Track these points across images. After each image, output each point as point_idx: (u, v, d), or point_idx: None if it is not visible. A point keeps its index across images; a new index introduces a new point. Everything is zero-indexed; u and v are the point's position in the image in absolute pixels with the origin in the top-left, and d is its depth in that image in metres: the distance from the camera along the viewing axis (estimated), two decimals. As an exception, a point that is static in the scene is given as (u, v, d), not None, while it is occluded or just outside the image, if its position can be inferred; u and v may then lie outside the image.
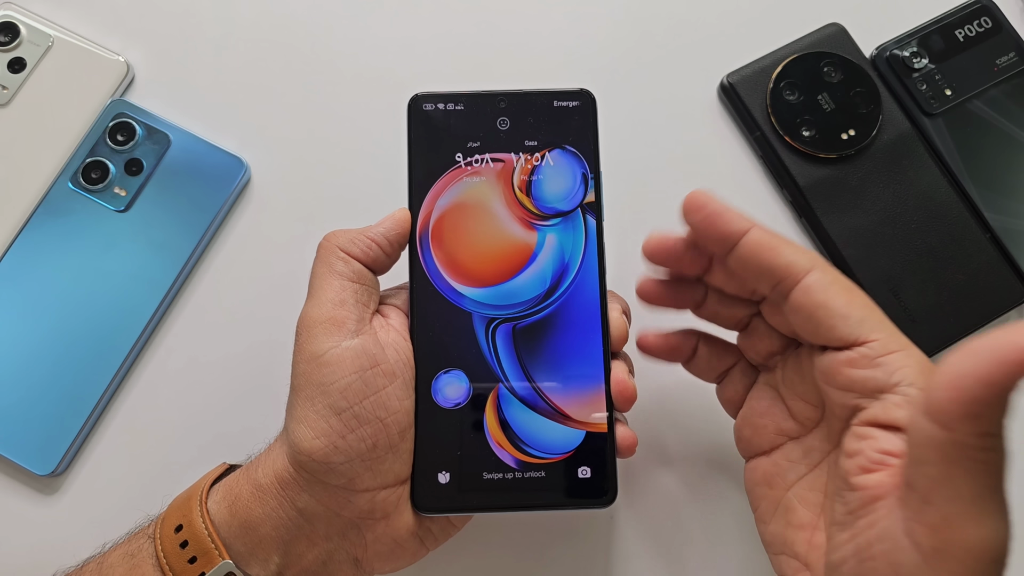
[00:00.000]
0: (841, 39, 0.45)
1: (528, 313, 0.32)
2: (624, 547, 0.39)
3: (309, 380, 0.29)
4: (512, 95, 0.33)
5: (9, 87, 0.43)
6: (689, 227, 0.30)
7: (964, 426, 0.22)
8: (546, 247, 0.32)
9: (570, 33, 0.46)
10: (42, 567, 0.34)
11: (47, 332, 0.40)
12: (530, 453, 0.31)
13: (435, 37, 0.46)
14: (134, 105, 0.43)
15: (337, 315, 0.30)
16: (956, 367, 0.22)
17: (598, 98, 0.34)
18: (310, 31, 0.46)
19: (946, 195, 0.43)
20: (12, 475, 0.39)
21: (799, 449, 0.31)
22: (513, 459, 0.31)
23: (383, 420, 0.29)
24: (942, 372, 0.23)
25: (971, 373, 0.22)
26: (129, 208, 0.42)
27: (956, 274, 0.42)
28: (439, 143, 0.33)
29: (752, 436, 0.33)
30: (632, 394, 0.31)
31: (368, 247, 0.31)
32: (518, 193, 0.33)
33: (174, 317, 0.42)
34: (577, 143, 0.33)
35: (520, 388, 0.31)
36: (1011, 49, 0.46)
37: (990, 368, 0.21)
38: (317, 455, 0.29)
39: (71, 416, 0.39)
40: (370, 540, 0.30)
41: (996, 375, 0.21)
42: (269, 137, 0.44)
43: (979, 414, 0.22)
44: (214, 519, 0.30)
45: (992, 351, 0.21)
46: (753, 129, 0.44)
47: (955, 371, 0.22)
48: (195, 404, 0.40)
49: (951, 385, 0.22)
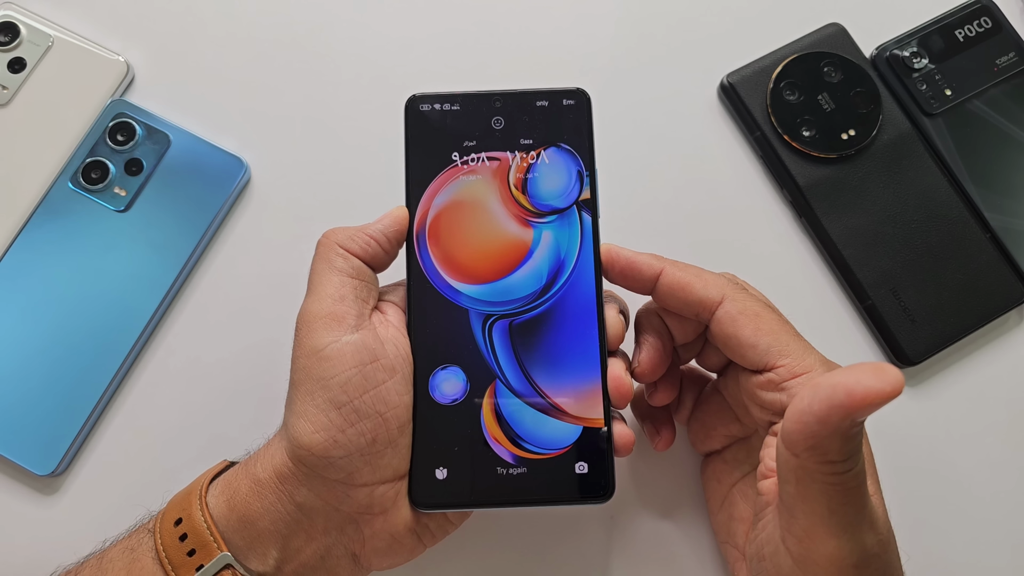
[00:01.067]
0: (841, 39, 0.45)
1: (524, 310, 0.32)
2: (624, 545, 0.39)
3: (309, 375, 0.29)
4: (508, 95, 0.34)
5: (9, 87, 0.43)
6: (613, 281, 0.33)
7: (808, 455, 0.25)
8: (542, 244, 0.32)
9: (570, 32, 0.46)
10: (42, 567, 0.34)
11: (47, 332, 0.40)
12: (527, 449, 0.31)
13: (434, 36, 0.46)
14: (134, 105, 0.43)
15: (337, 311, 0.30)
16: (800, 402, 0.25)
17: (598, 97, 0.34)
18: (310, 31, 0.46)
19: (946, 195, 0.43)
20: (12, 475, 0.39)
21: (744, 449, 0.35)
22: (510, 455, 0.31)
23: (383, 415, 0.30)
24: (792, 404, 0.25)
25: (809, 410, 0.24)
26: (129, 208, 0.42)
27: (956, 274, 0.42)
28: (436, 142, 0.33)
29: (703, 437, 0.37)
30: (628, 391, 0.31)
31: (367, 244, 0.32)
32: (514, 191, 0.33)
33: (174, 317, 0.42)
34: (572, 141, 0.33)
35: (517, 384, 0.31)
36: (1011, 49, 0.46)
37: (824, 409, 0.24)
38: (316, 449, 0.29)
39: (71, 416, 0.39)
40: (368, 535, 0.31)
41: (829, 416, 0.24)
42: (269, 137, 0.44)
43: (818, 446, 0.24)
44: (213, 513, 0.30)
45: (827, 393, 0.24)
46: (753, 129, 0.44)
47: (799, 406, 0.25)
48: (195, 404, 0.40)
49: (796, 419, 0.25)
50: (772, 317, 0.31)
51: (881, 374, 0.23)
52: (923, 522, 0.41)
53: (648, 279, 0.32)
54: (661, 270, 0.32)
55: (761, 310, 0.31)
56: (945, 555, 0.40)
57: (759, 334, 0.31)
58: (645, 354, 0.33)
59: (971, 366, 0.43)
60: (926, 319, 0.42)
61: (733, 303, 0.31)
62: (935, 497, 0.41)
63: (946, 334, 0.42)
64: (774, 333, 0.31)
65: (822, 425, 0.24)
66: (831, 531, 0.26)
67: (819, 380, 0.24)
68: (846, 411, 0.23)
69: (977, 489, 0.41)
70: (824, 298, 0.43)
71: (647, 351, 0.33)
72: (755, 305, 0.31)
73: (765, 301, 0.33)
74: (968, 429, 0.42)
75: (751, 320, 0.31)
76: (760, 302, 0.32)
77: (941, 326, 0.42)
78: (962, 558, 0.40)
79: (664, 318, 0.34)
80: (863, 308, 0.43)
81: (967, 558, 0.40)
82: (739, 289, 0.32)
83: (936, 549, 0.40)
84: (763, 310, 0.31)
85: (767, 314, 0.31)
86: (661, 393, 0.34)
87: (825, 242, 0.43)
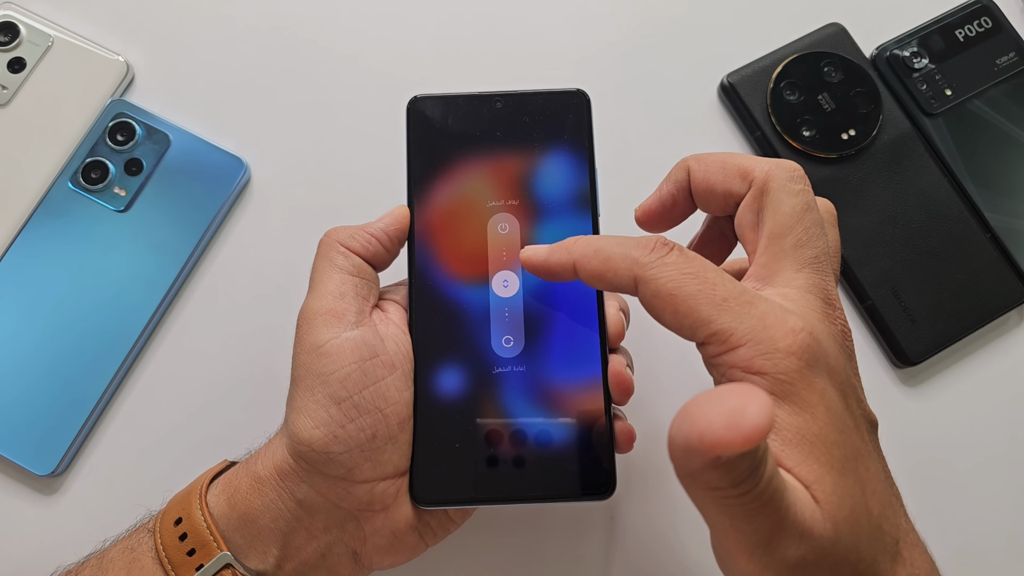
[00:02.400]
0: (841, 39, 0.45)
1: (525, 308, 0.32)
2: (624, 544, 0.39)
3: (309, 370, 0.30)
4: (508, 96, 0.34)
5: (9, 87, 0.43)
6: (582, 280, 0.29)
7: (689, 481, 0.22)
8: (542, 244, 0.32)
9: (570, 33, 0.46)
10: (42, 567, 0.34)
11: (47, 332, 0.40)
12: (528, 445, 0.31)
13: (434, 36, 0.46)
14: (134, 105, 0.43)
15: (337, 307, 0.30)
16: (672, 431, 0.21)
17: (598, 98, 0.34)
18: (310, 31, 0.46)
19: (946, 195, 0.43)
20: (12, 475, 0.39)
21: None
22: (511, 451, 0.31)
23: (382, 410, 0.30)
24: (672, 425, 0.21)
25: (673, 443, 0.21)
26: (129, 208, 0.42)
27: (956, 274, 0.42)
28: (437, 143, 0.33)
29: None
30: (629, 386, 0.31)
31: (368, 242, 0.32)
32: (514, 191, 0.33)
33: (174, 317, 0.42)
34: (573, 141, 0.33)
35: (518, 381, 0.31)
36: (1011, 49, 0.46)
37: (682, 451, 0.21)
38: (317, 445, 0.29)
39: (71, 416, 0.39)
40: (369, 533, 0.31)
41: (688, 459, 0.21)
42: (269, 137, 0.44)
43: (696, 476, 0.22)
44: (213, 512, 0.30)
45: (683, 431, 0.21)
46: (753, 129, 0.44)
47: (671, 435, 0.21)
48: (195, 404, 0.40)
49: (671, 444, 0.22)
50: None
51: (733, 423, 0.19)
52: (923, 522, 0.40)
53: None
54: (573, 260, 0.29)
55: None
56: (945, 555, 0.40)
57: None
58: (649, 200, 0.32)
59: (971, 366, 0.43)
60: (926, 319, 0.42)
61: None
62: (935, 497, 0.41)
63: (946, 334, 0.42)
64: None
65: (687, 463, 0.21)
66: (742, 547, 0.23)
67: (686, 406, 0.21)
68: (702, 458, 0.20)
69: (977, 489, 0.41)
70: (824, 298, 0.43)
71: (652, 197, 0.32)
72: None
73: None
74: (968, 429, 0.42)
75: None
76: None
77: (941, 326, 0.42)
78: (962, 558, 0.40)
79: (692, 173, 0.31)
80: (863, 308, 0.43)
81: (967, 558, 0.40)
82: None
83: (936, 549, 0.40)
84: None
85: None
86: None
87: (825, 242, 0.43)
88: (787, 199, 0.28)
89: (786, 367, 0.24)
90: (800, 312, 0.26)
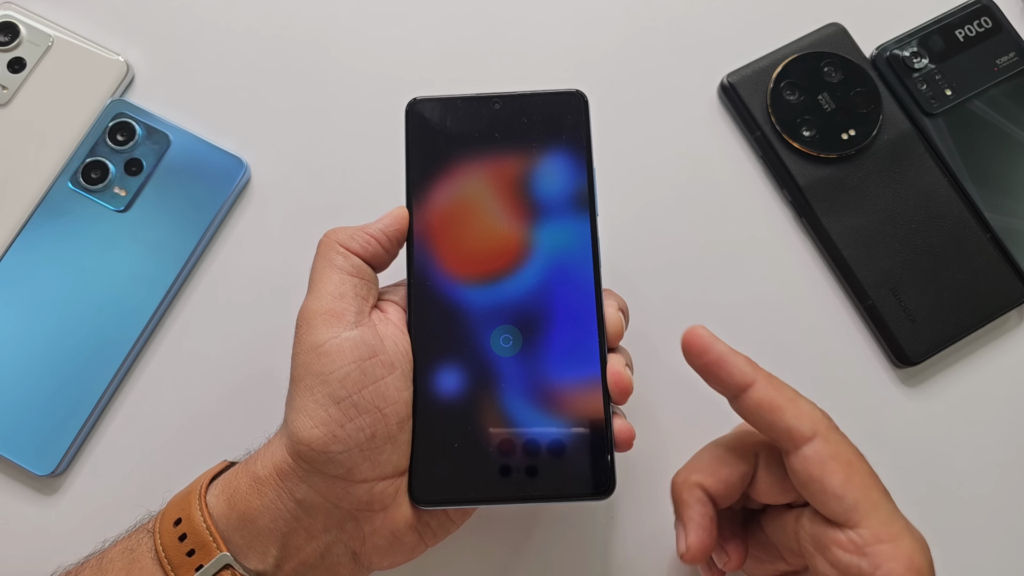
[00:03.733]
0: (841, 39, 0.45)
1: (524, 308, 0.32)
2: (624, 544, 0.39)
3: (308, 370, 0.30)
4: (507, 97, 0.34)
5: (9, 87, 0.43)
6: (691, 366, 0.31)
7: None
8: (542, 244, 0.33)
9: (570, 33, 0.46)
10: (42, 567, 0.34)
11: (47, 332, 0.40)
12: (527, 445, 0.31)
13: (434, 37, 0.46)
14: (134, 105, 0.43)
15: (336, 307, 0.30)
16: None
17: (598, 98, 0.35)
18: (310, 31, 0.46)
19: (946, 195, 0.43)
20: (12, 475, 0.39)
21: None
22: (510, 452, 0.31)
23: (382, 410, 0.30)
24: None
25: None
26: (129, 208, 0.42)
27: (956, 274, 0.42)
28: (436, 145, 0.34)
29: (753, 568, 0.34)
30: (628, 386, 0.31)
31: (367, 243, 0.32)
32: (514, 192, 0.33)
33: (174, 317, 0.42)
34: (570, 142, 0.34)
35: (517, 382, 0.31)
36: (1011, 49, 0.46)
37: None
38: (316, 444, 0.29)
39: (71, 416, 0.39)
40: (368, 533, 0.31)
41: None
42: (269, 137, 0.44)
43: None
44: (213, 513, 0.30)
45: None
46: (753, 129, 0.44)
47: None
48: (195, 404, 0.40)
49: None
50: (864, 470, 0.29)
51: None
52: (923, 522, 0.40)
53: (737, 386, 0.30)
54: (753, 382, 0.29)
55: (854, 459, 0.29)
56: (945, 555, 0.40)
57: (848, 486, 0.28)
58: (694, 536, 0.30)
59: (971, 366, 0.43)
60: (926, 319, 0.42)
61: (826, 444, 0.28)
62: (935, 497, 0.41)
63: (946, 334, 0.42)
64: (865, 488, 0.28)
65: None
66: None
67: None
68: None
69: (977, 489, 0.41)
70: (824, 298, 0.43)
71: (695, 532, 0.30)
72: (848, 452, 0.29)
73: (856, 449, 0.30)
74: (968, 429, 0.42)
75: (843, 468, 0.28)
76: (853, 449, 0.29)
77: (941, 326, 0.42)
78: (962, 558, 0.40)
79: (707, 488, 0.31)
80: (863, 308, 0.43)
81: (967, 558, 0.40)
82: (833, 429, 0.29)
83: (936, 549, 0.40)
84: (856, 459, 0.29)
85: (860, 465, 0.29)
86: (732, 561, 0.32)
87: (825, 242, 0.43)
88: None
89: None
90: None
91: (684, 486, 0.31)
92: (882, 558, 0.27)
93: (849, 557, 0.28)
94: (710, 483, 0.31)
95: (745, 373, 0.30)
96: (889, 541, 0.27)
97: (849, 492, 0.28)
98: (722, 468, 0.31)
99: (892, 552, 0.27)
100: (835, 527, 0.28)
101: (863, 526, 0.27)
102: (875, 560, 0.27)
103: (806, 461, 0.28)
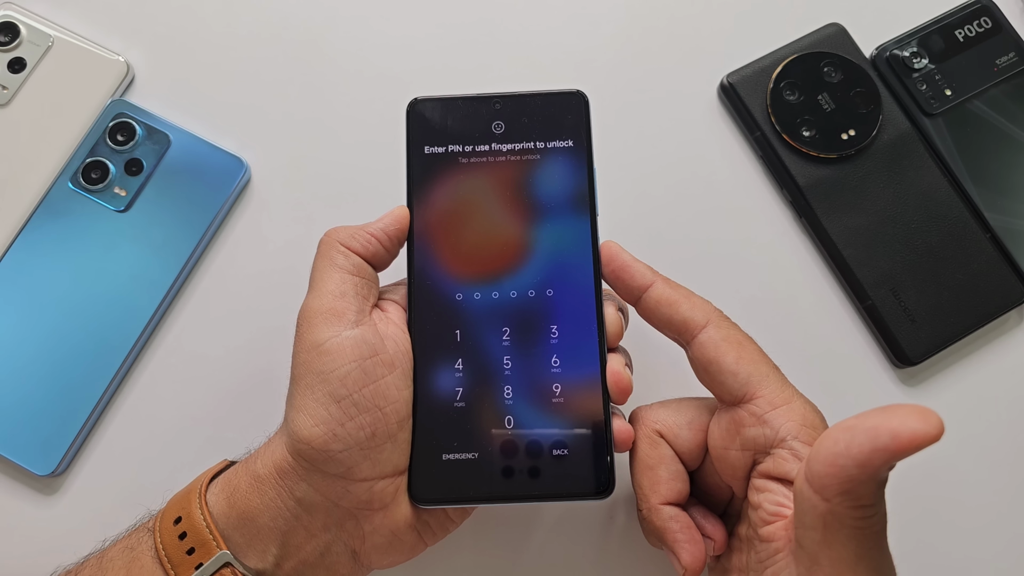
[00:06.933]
0: (841, 39, 0.45)
1: (524, 308, 0.32)
2: (624, 544, 0.39)
3: (309, 369, 0.30)
4: (507, 97, 0.34)
5: (9, 87, 0.43)
6: (604, 278, 0.33)
7: (841, 500, 0.24)
8: (542, 244, 0.33)
9: (570, 33, 0.47)
10: (42, 567, 0.34)
11: (47, 332, 0.40)
12: (527, 445, 0.31)
13: (434, 36, 0.46)
14: (134, 105, 0.43)
15: (337, 306, 0.30)
16: (834, 445, 0.24)
17: (598, 98, 0.35)
18: (310, 31, 0.46)
19: (946, 195, 0.43)
20: (12, 475, 0.39)
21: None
22: (510, 451, 0.31)
23: (382, 409, 0.30)
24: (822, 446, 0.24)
25: (846, 453, 0.23)
26: (129, 208, 0.42)
27: (956, 274, 0.42)
28: (436, 144, 0.34)
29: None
30: (628, 385, 0.31)
31: (368, 242, 0.32)
32: (514, 191, 0.33)
33: (174, 317, 0.42)
34: (571, 141, 0.34)
35: (517, 381, 0.31)
36: (1011, 49, 0.46)
37: (864, 452, 0.23)
38: (316, 443, 0.29)
39: (71, 416, 0.39)
40: (368, 531, 0.31)
41: (871, 459, 0.23)
42: (269, 137, 0.44)
43: (853, 490, 0.24)
44: (213, 511, 0.30)
45: (868, 435, 0.23)
46: (753, 129, 0.44)
47: (833, 449, 0.24)
48: (195, 403, 0.40)
49: (829, 462, 0.24)
50: (754, 348, 0.31)
51: (926, 417, 0.23)
52: (923, 522, 0.41)
53: (638, 287, 0.32)
54: (652, 283, 0.32)
55: (744, 339, 0.31)
56: (945, 555, 0.40)
57: (740, 362, 0.30)
58: (686, 554, 0.31)
59: (971, 366, 0.43)
60: (926, 319, 0.42)
61: (717, 329, 0.31)
62: (935, 497, 0.41)
63: (946, 334, 0.42)
64: (755, 363, 0.31)
65: (861, 469, 0.23)
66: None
67: (851, 422, 0.24)
68: (890, 454, 0.23)
69: (977, 489, 0.41)
70: (824, 298, 0.43)
71: (684, 550, 0.31)
72: (738, 334, 0.31)
73: (746, 334, 0.32)
74: (968, 429, 0.42)
75: (734, 347, 0.31)
76: (743, 333, 0.32)
77: (941, 326, 0.42)
78: (962, 558, 0.40)
79: (687, 508, 0.32)
80: (863, 308, 0.43)
81: (967, 558, 0.40)
82: (724, 317, 0.32)
83: (936, 549, 0.40)
84: (746, 340, 0.31)
85: (749, 344, 0.31)
86: (716, 542, 0.32)
87: (825, 242, 0.43)
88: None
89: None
90: None
91: (652, 513, 0.32)
92: (780, 420, 0.29)
93: (754, 431, 0.30)
94: (672, 479, 0.32)
95: (645, 275, 0.32)
96: (783, 404, 0.30)
97: (742, 367, 0.30)
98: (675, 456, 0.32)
99: (787, 413, 0.29)
100: (738, 408, 0.30)
101: (758, 395, 0.30)
102: (774, 424, 0.29)
103: (702, 346, 0.31)
